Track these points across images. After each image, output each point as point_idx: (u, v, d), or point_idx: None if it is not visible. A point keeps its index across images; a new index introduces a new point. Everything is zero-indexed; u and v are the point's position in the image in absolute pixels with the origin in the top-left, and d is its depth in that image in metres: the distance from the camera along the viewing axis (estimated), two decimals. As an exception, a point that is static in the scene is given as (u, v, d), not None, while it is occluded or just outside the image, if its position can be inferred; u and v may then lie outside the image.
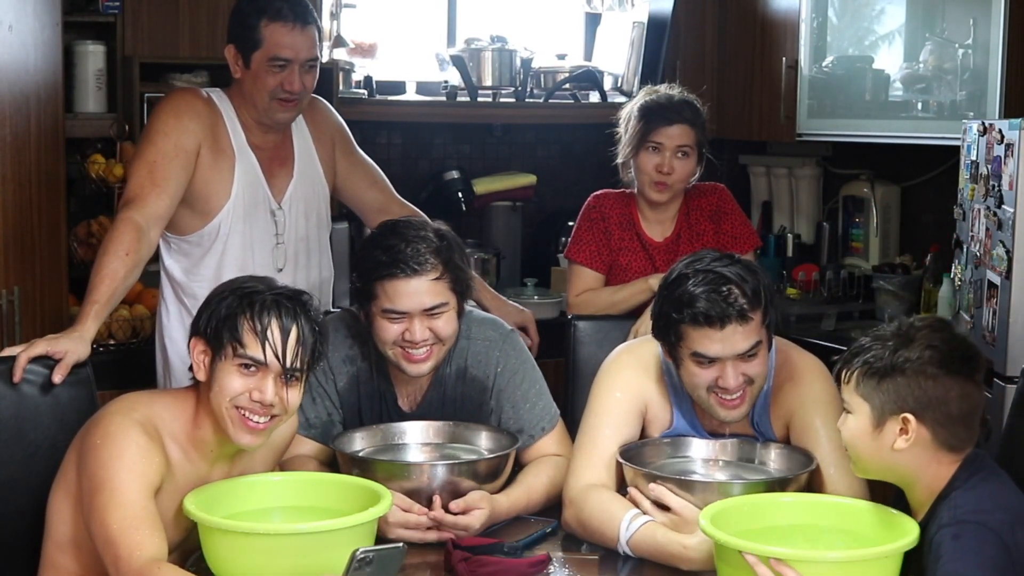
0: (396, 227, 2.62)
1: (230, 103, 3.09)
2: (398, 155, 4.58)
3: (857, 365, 2.15)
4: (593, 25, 4.94)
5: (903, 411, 2.10)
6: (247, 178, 3.08)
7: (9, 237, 3.23)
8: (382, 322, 2.58)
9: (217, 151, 3.04)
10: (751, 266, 2.47)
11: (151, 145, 2.96)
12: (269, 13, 2.98)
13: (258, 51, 2.99)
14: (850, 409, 2.17)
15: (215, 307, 2.26)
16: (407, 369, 2.62)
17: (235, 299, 2.24)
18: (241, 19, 3.02)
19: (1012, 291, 3.07)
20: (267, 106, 3.03)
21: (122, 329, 3.68)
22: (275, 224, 3.12)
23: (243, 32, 3.00)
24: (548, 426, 2.71)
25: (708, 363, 2.43)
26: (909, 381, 2.10)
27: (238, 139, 3.07)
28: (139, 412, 2.23)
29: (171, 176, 2.94)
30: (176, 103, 3.05)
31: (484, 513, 2.42)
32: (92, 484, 2.15)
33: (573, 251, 3.41)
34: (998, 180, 3.15)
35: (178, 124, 2.99)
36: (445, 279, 2.57)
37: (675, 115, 3.29)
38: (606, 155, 3.43)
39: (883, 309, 4.19)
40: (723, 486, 2.38)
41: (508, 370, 2.71)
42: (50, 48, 3.36)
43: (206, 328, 2.25)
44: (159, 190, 2.90)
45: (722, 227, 3.39)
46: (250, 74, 3.02)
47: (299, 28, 2.99)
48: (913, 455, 2.12)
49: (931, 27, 4.02)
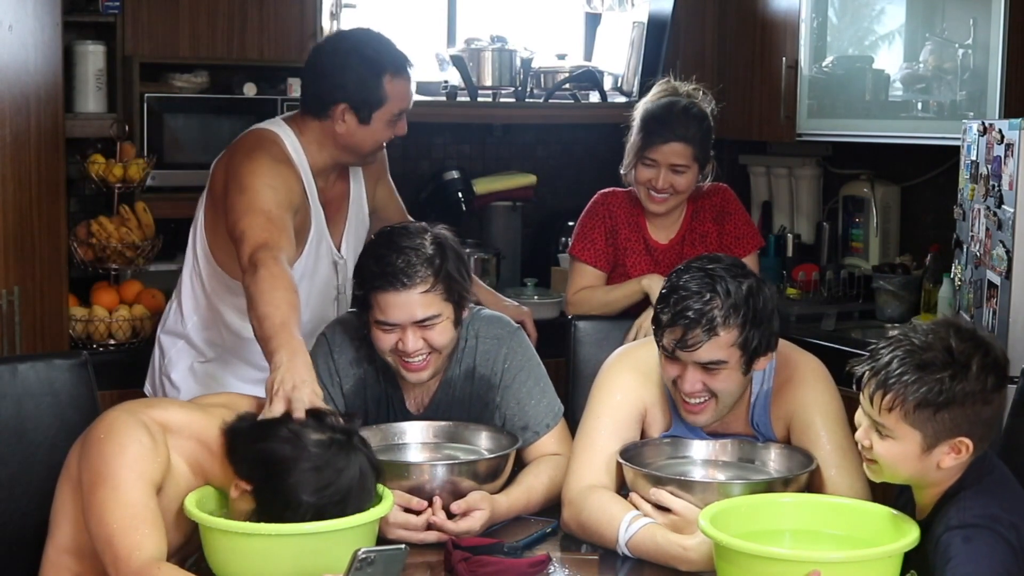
0: (391, 235, 2.60)
1: (302, 148, 2.94)
2: (398, 155, 4.56)
3: (904, 395, 2.05)
4: (593, 25, 4.95)
5: (958, 436, 2.06)
6: (317, 233, 2.98)
7: (9, 237, 3.23)
8: (377, 332, 2.58)
9: (297, 208, 2.87)
10: (754, 289, 2.43)
11: (259, 196, 2.71)
12: (391, 68, 2.91)
13: (383, 108, 2.90)
14: (892, 435, 2.08)
15: (293, 502, 2.10)
16: (406, 377, 2.62)
17: (319, 498, 2.10)
18: (360, 77, 2.88)
19: (1012, 291, 3.06)
20: (371, 153, 2.99)
21: (122, 329, 3.67)
22: (337, 275, 3.05)
23: (364, 90, 2.88)
24: (552, 423, 2.71)
25: (672, 359, 2.44)
26: (967, 410, 2.05)
27: (311, 190, 2.95)
28: (148, 414, 2.22)
29: (288, 224, 2.74)
30: (273, 164, 2.83)
31: (484, 514, 2.42)
32: (92, 480, 2.15)
33: (577, 248, 3.39)
34: (998, 180, 3.15)
35: (285, 185, 2.81)
36: (437, 290, 2.55)
37: (670, 132, 3.22)
38: (606, 155, 3.43)
39: (883, 309, 4.18)
40: (723, 486, 2.37)
41: (515, 366, 2.71)
42: (50, 48, 3.36)
43: (275, 512, 2.12)
44: (284, 233, 2.68)
45: (725, 228, 3.38)
46: (366, 129, 2.91)
47: (411, 76, 2.96)
48: (948, 469, 2.10)
49: (931, 27, 4.02)
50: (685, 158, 3.24)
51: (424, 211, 3.19)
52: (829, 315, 4.23)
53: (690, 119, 3.25)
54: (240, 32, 3.94)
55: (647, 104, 3.31)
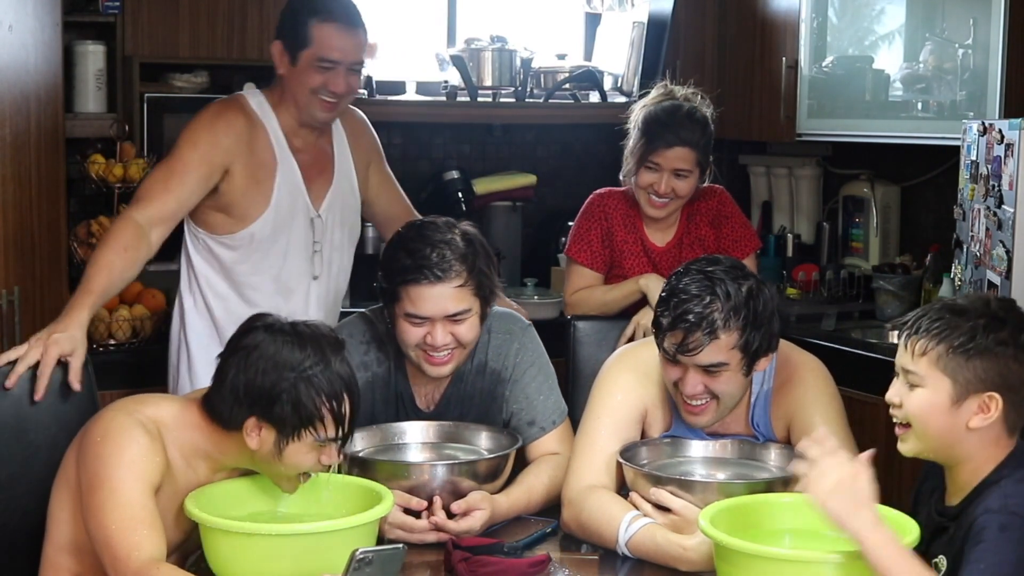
0: (422, 229, 2.60)
1: (269, 106, 3.07)
2: (398, 155, 4.58)
3: (940, 339, 2.08)
4: (593, 25, 4.94)
5: (988, 390, 2.07)
6: (288, 186, 3.06)
7: (9, 237, 3.23)
8: (404, 325, 2.58)
9: (255, 163, 3.02)
10: (754, 290, 2.43)
11: (177, 151, 2.96)
12: (321, 14, 2.97)
13: (307, 50, 2.98)
14: (920, 383, 2.11)
15: (275, 387, 2.16)
16: (428, 371, 2.62)
17: (302, 383, 2.16)
18: (292, 16, 3.01)
19: (1012, 291, 3.06)
20: (308, 103, 3.02)
21: (122, 329, 3.67)
22: (313, 231, 3.10)
23: (293, 30, 2.99)
24: (558, 419, 2.72)
25: (672, 362, 2.44)
26: (999, 362, 2.07)
27: (280, 145, 3.05)
28: (143, 413, 2.22)
29: (186, 185, 2.93)
30: (212, 116, 3.02)
31: (484, 514, 2.43)
32: (91, 482, 2.15)
33: (574, 250, 3.39)
34: (998, 180, 3.16)
35: (211, 138, 2.97)
36: (469, 285, 2.56)
37: (674, 136, 3.21)
38: (606, 155, 3.43)
39: (883, 309, 4.18)
40: (723, 486, 2.38)
41: (525, 361, 2.72)
42: (50, 48, 3.36)
43: (270, 411, 2.16)
44: (169, 195, 2.90)
45: (722, 231, 3.38)
46: (295, 71, 3.00)
47: (349, 30, 3.00)
48: (980, 434, 2.09)
49: (931, 27, 4.02)
50: (688, 163, 3.23)
51: (424, 211, 3.18)
52: (829, 315, 4.23)
53: (694, 123, 3.25)
54: (240, 32, 3.94)
55: (648, 108, 3.30)
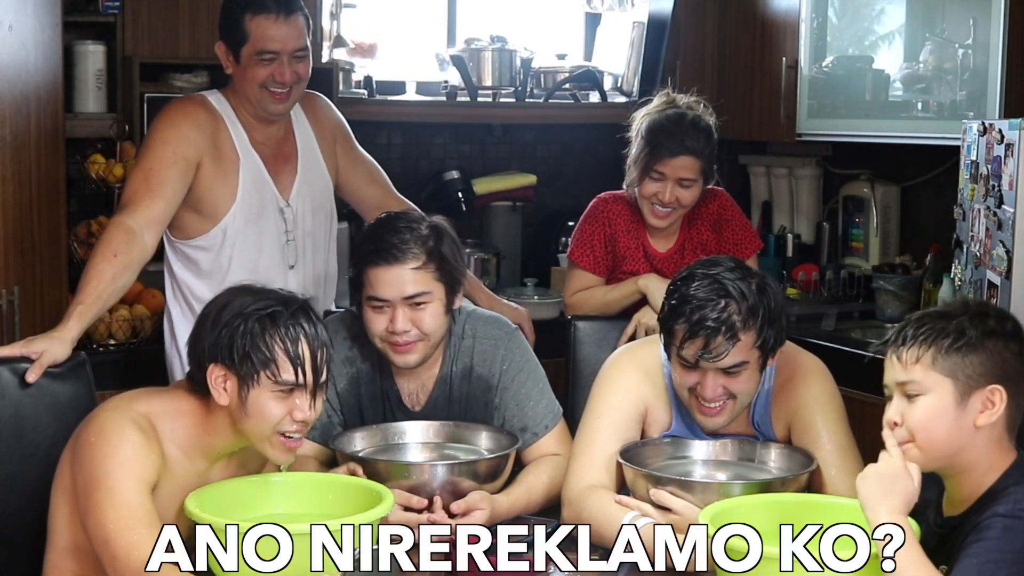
0: (390, 219, 2.67)
1: (228, 104, 3.11)
2: (398, 155, 4.58)
3: (931, 343, 2.06)
4: (593, 25, 4.94)
5: (991, 383, 2.06)
6: (252, 179, 3.10)
7: (9, 237, 3.22)
8: (369, 313, 2.61)
9: (219, 157, 3.06)
10: (763, 286, 2.44)
11: (148, 152, 3.00)
12: (253, 7, 3.00)
13: (246, 45, 3.01)
14: (920, 390, 2.07)
15: (233, 331, 2.18)
16: (395, 360, 2.63)
17: (256, 323, 2.17)
18: (228, 14, 3.05)
19: (1012, 291, 3.06)
20: (259, 98, 3.05)
21: (122, 329, 3.67)
22: (284, 221, 3.14)
23: (230, 27, 3.03)
24: (551, 423, 2.72)
25: (691, 368, 2.44)
26: (994, 353, 2.06)
27: (240, 140, 3.10)
28: (134, 410, 2.22)
29: (167, 182, 2.96)
30: (175, 113, 3.07)
31: (484, 514, 2.43)
32: (87, 483, 2.14)
33: (576, 254, 3.38)
34: (998, 180, 3.16)
35: (177, 133, 3.01)
36: (428, 268, 2.59)
37: (680, 145, 3.18)
38: (606, 155, 3.43)
39: (883, 309, 4.18)
40: (723, 486, 2.38)
41: (513, 368, 2.72)
42: (50, 48, 3.36)
43: (229, 355, 2.18)
44: (154, 195, 2.93)
45: (724, 234, 3.37)
46: (240, 69, 3.04)
47: (283, 18, 3.01)
48: (986, 434, 2.07)
49: (931, 27, 4.02)
50: (693, 172, 3.22)
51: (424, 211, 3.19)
52: (829, 315, 4.23)
53: (699, 132, 3.23)
54: (240, 32, 3.93)
55: (651, 116, 3.27)
